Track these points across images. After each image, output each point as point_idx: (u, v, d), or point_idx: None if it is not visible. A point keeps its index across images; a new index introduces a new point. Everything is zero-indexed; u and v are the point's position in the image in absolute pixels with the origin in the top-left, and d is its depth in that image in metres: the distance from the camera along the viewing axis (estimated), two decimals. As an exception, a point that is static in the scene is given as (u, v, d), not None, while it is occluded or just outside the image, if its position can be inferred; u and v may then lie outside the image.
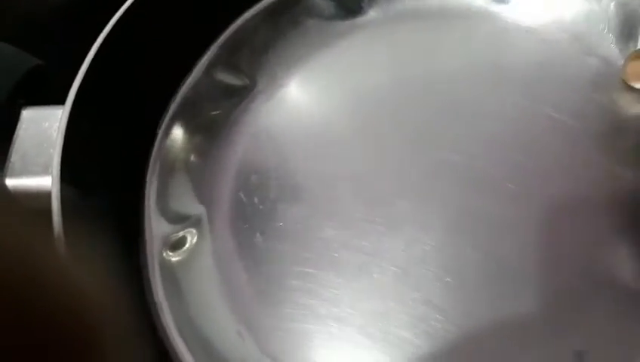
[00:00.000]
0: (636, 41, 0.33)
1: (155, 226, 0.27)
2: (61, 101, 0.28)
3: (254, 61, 0.34)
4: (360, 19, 0.36)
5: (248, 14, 0.35)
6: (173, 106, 0.31)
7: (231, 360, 0.26)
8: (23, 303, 0.15)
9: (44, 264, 0.16)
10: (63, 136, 0.26)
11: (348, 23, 0.36)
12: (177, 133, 0.30)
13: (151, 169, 0.28)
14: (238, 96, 0.33)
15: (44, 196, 0.26)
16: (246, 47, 0.34)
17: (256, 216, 0.30)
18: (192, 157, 0.31)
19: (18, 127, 0.28)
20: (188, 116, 0.31)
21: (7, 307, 0.14)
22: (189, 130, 0.31)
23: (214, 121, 0.32)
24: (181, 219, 0.29)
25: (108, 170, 0.27)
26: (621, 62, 0.33)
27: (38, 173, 0.26)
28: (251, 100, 0.33)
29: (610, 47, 0.34)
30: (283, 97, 0.34)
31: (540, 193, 0.30)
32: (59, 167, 0.26)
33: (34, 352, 0.14)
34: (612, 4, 0.34)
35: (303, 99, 0.34)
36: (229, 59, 0.33)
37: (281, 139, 0.32)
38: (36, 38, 0.34)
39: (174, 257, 0.28)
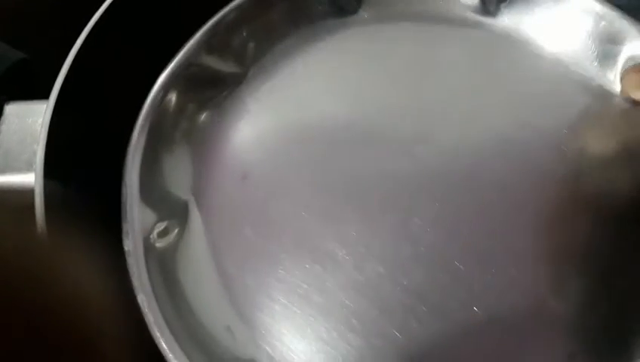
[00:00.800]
0: (615, 60, 0.33)
1: (140, 217, 0.27)
2: (45, 95, 0.27)
3: (244, 50, 0.34)
4: (352, 19, 0.36)
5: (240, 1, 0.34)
6: (156, 94, 0.30)
7: (220, 352, 0.26)
8: (8, 299, 0.15)
9: (28, 260, 0.16)
10: (46, 132, 0.26)
11: (340, 21, 0.36)
12: (162, 120, 0.30)
13: (132, 157, 0.28)
14: (227, 84, 0.33)
15: (27, 193, 0.25)
16: (236, 35, 0.34)
17: (244, 208, 0.30)
18: (177, 146, 0.31)
19: (1, 122, 0.27)
20: (172, 105, 0.31)
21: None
22: (174, 117, 0.31)
23: (201, 108, 0.32)
24: (166, 209, 0.28)
25: (93, 165, 0.27)
26: (601, 79, 0.33)
27: (21, 170, 0.26)
28: (239, 89, 0.33)
29: (592, 65, 0.34)
30: (271, 89, 0.34)
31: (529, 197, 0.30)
32: (42, 164, 0.26)
33: (21, 346, 0.15)
34: (593, 20, 0.34)
35: (291, 91, 0.34)
36: (218, 45, 0.32)
37: (267, 131, 0.32)
38: (20, 31, 0.33)
39: (159, 247, 0.28)
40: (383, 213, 0.30)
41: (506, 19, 0.36)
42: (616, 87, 0.34)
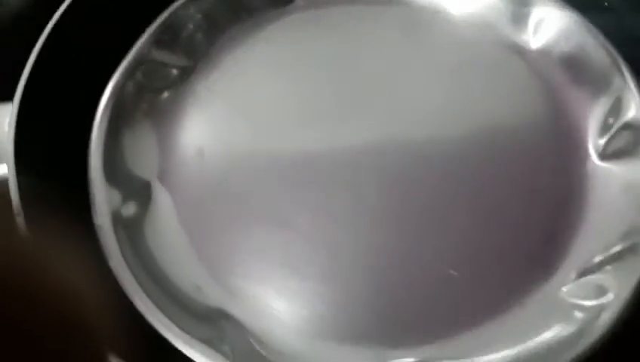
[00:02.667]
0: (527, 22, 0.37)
1: (106, 195, 0.30)
2: (9, 97, 0.30)
3: (192, 43, 0.37)
4: (289, 7, 0.39)
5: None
6: (114, 86, 0.33)
7: (192, 305, 0.29)
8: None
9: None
10: (14, 128, 0.29)
11: (278, 10, 0.39)
12: (121, 107, 0.33)
13: (95, 141, 0.31)
14: (178, 75, 0.36)
15: (2, 182, 0.28)
16: (184, 31, 0.37)
17: (204, 181, 0.33)
18: (137, 128, 0.33)
19: (-29, 123, 0.30)
20: (130, 94, 0.34)
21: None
22: (132, 105, 0.34)
23: (156, 97, 0.35)
24: (131, 187, 0.31)
25: (61, 152, 0.30)
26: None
27: (-6, 162, 0.29)
28: (189, 79, 0.36)
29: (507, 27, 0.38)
30: (219, 77, 0.37)
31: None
32: (13, 156, 0.29)
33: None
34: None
35: (237, 78, 0.37)
36: (167, 40, 0.36)
37: (218, 114, 0.35)
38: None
39: (127, 219, 0.31)
40: (334, 179, 0.33)
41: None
42: (532, 45, 0.37)
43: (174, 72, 0.36)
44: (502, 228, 0.32)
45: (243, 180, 0.33)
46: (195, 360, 0.27)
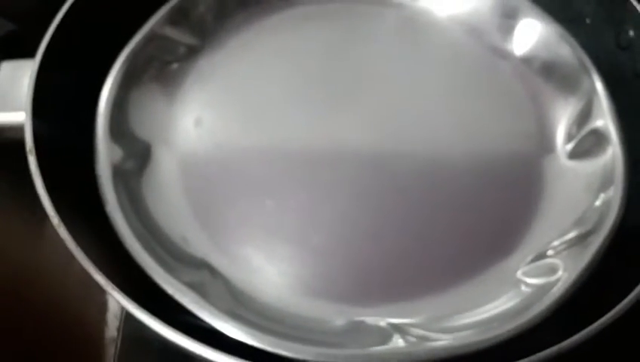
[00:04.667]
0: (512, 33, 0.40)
1: (108, 147, 0.33)
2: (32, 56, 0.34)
3: (201, 24, 0.40)
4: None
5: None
6: (126, 55, 0.36)
7: (177, 252, 0.32)
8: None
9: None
10: (34, 81, 0.32)
11: (285, 2, 0.43)
12: (131, 71, 0.36)
13: (105, 98, 0.34)
14: (185, 53, 0.39)
15: (18, 128, 0.32)
16: (195, 11, 0.40)
17: (199, 149, 0.36)
18: (143, 93, 0.36)
19: (-2, 74, 0.34)
20: (140, 61, 0.37)
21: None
22: (141, 71, 0.37)
23: (163, 69, 0.38)
24: (132, 145, 0.34)
25: (72, 106, 0.33)
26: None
27: (14, 109, 0.32)
28: (196, 57, 0.39)
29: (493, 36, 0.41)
30: (224, 58, 0.40)
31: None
32: (31, 104, 0.32)
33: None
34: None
35: (241, 60, 0.40)
36: (179, 19, 0.39)
37: (219, 91, 0.38)
38: (10, 6, 0.40)
39: (126, 172, 0.33)
40: (321, 157, 0.36)
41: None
42: (516, 52, 0.40)
43: (183, 48, 0.39)
44: (470, 212, 0.34)
45: (235, 151, 0.36)
46: (179, 300, 0.29)
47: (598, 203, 0.33)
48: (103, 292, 0.40)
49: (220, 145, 0.36)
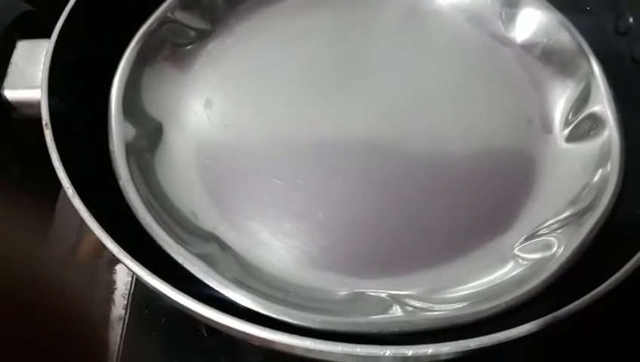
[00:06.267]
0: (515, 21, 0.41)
1: (122, 125, 0.35)
2: (48, 36, 0.35)
3: (212, 9, 0.41)
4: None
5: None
6: (139, 36, 0.38)
7: (186, 225, 0.33)
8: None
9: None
10: (50, 59, 0.34)
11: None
12: (145, 52, 0.38)
13: (118, 78, 0.36)
14: (196, 37, 0.40)
15: (35, 105, 0.33)
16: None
17: (208, 130, 0.37)
18: (156, 74, 0.38)
19: (15, 53, 0.35)
20: (153, 44, 0.38)
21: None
22: (154, 54, 0.38)
23: (175, 51, 0.39)
24: (144, 122, 0.36)
25: (86, 85, 0.34)
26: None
27: (30, 87, 0.34)
28: (206, 42, 0.41)
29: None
30: (234, 42, 0.41)
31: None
32: (47, 82, 0.33)
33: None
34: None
35: (250, 45, 0.41)
36: (191, 4, 0.40)
37: (229, 74, 0.40)
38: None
39: (137, 149, 0.35)
40: (326, 139, 0.37)
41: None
42: (518, 39, 0.41)
43: (194, 32, 0.41)
44: (468, 192, 0.36)
45: (243, 132, 0.38)
46: (189, 269, 0.30)
47: (593, 182, 0.34)
48: (110, 271, 0.43)
49: (228, 126, 0.38)
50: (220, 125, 0.38)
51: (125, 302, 0.40)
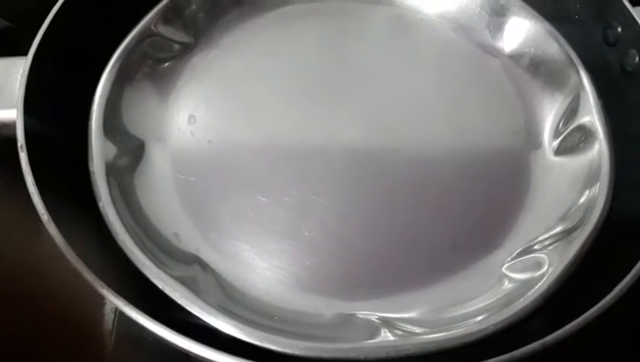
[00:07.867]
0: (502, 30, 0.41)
1: (102, 145, 0.34)
2: (25, 53, 0.34)
3: (194, 23, 0.40)
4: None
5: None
6: (120, 51, 0.37)
7: (168, 247, 0.32)
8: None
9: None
10: (26, 78, 0.33)
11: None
12: (125, 69, 0.37)
13: (98, 96, 0.35)
14: (179, 50, 0.40)
15: (11, 125, 0.32)
16: (187, 10, 0.40)
17: (191, 146, 0.36)
18: (137, 90, 0.37)
19: (-11, 72, 0.34)
20: (134, 59, 0.37)
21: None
22: (135, 70, 0.37)
23: (158, 66, 0.38)
24: (125, 142, 0.35)
25: (65, 103, 0.34)
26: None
27: (6, 107, 0.33)
28: (189, 55, 0.40)
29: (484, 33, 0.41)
30: (217, 55, 0.40)
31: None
32: (22, 102, 0.32)
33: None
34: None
35: (233, 58, 0.41)
36: (173, 17, 0.39)
37: (212, 88, 0.39)
38: (6, 5, 0.40)
39: (119, 169, 0.34)
40: (312, 153, 0.37)
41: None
42: (505, 49, 0.41)
43: (176, 46, 0.40)
44: (457, 207, 0.35)
45: (228, 148, 0.37)
46: (169, 294, 0.30)
47: (583, 198, 0.33)
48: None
49: (212, 142, 0.37)
50: (203, 141, 0.37)
51: (113, 317, 0.39)
